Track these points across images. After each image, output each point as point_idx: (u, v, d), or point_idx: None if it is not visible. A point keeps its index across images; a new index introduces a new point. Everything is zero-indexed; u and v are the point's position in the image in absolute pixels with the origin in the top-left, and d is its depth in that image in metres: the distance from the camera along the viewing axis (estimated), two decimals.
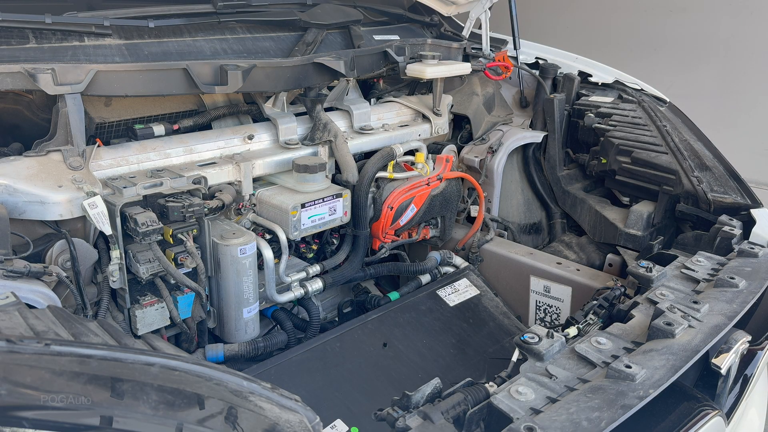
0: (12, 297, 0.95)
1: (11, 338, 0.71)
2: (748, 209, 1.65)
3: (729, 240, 1.53)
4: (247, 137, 1.65)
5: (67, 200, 1.24)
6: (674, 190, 1.79)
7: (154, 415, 0.69)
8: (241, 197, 1.60)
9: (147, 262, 1.34)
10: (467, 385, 1.01)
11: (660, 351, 1.06)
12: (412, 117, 2.05)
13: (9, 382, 0.66)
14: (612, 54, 3.63)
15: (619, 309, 1.33)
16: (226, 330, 1.52)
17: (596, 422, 0.89)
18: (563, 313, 1.79)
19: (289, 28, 1.91)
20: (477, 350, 1.64)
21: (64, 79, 1.31)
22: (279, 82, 1.62)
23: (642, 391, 0.96)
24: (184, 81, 1.46)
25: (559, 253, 1.98)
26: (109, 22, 1.56)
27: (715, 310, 1.19)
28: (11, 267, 1.12)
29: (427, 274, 1.92)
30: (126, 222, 1.30)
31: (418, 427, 0.91)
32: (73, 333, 0.90)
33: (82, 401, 0.67)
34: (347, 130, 1.86)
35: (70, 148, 1.33)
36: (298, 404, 0.80)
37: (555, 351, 1.08)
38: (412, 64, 1.91)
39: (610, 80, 2.17)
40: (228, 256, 1.43)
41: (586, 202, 2.06)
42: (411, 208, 1.86)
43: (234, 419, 0.74)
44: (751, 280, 1.30)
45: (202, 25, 1.75)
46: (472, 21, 2.32)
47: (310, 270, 1.71)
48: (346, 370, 1.47)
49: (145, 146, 1.49)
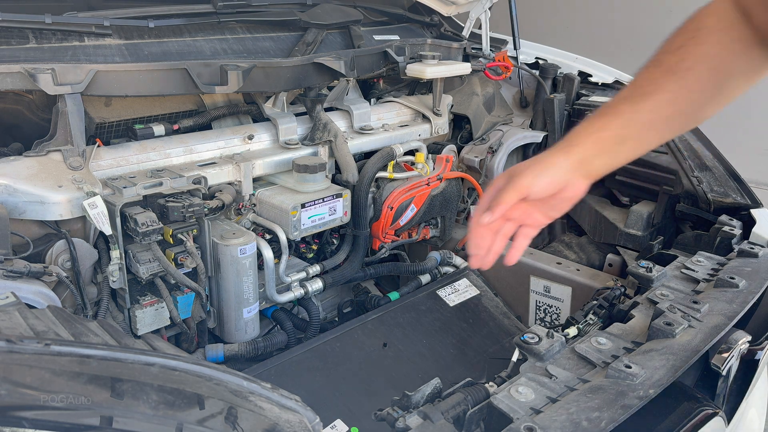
0: (12, 297, 0.95)
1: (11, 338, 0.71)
2: (748, 209, 1.65)
3: (729, 240, 1.53)
4: (247, 137, 1.65)
5: (67, 200, 1.24)
6: (674, 190, 1.79)
7: (154, 415, 0.69)
8: (241, 197, 1.60)
9: (147, 262, 1.34)
10: (467, 385, 1.01)
11: (660, 351, 1.06)
12: (412, 117, 2.05)
13: (9, 382, 0.66)
14: (612, 54, 3.63)
15: (619, 309, 1.33)
16: (226, 330, 1.52)
17: (596, 422, 0.89)
18: (563, 313, 1.79)
19: (289, 28, 1.91)
20: (477, 350, 1.64)
21: (64, 79, 1.31)
22: (279, 82, 1.62)
23: (642, 391, 0.96)
24: (184, 81, 1.46)
25: (559, 253, 1.98)
26: (109, 22, 1.56)
27: (715, 310, 1.19)
28: (11, 267, 1.12)
29: (427, 274, 1.91)
30: (126, 222, 1.30)
31: (418, 427, 0.91)
32: (73, 333, 0.90)
33: (82, 401, 0.67)
34: (347, 130, 1.86)
35: (70, 148, 1.33)
36: (298, 404, 0.80)
37: (555, 351, 1.08)
38: (412, 64, 1.91)
39: (610, 80, 2.17)
40: (228, 256, 1.43)
41: (586, 202, 2.05)
42: (411, 208, 1.86)
43: (234, 419, 0.74)
44: (751, 280, 1.30)
45: (202, 25, 1.75)
46: (472, 21, 2.32)
47: (310, 270, 1.71)
48: (346, 370, 1.47)
49: (145, 146, 1.49)
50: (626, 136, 1.06)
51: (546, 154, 1.08)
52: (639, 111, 1.06)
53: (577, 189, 1.08)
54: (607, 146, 1.07)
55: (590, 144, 1.06)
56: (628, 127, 1.06)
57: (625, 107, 1.06)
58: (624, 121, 1.06)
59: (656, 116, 1.06)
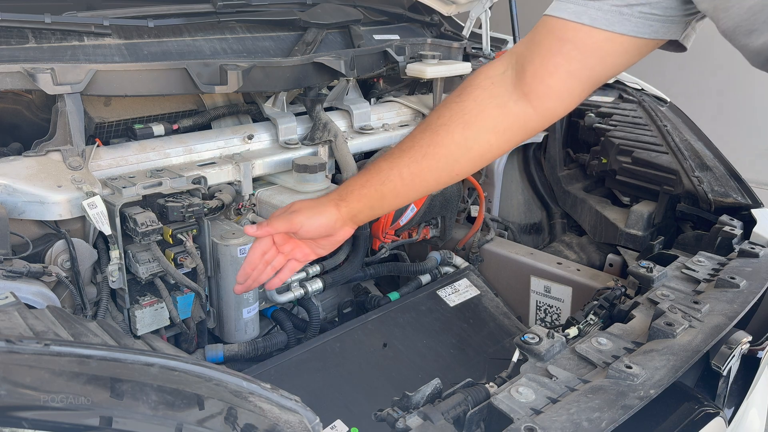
0: (11, 297, 0.95)
1: (11, 338, 0.71)
2: (749, 209, 1.65)
3: (729, 240, 1.53)
4: (247, 137, 1.65)
5: (67, 200, 1.24)
6: (675, 190, 1.78)
7: (154, 415, 0.69)
8: (241, 197, 1.59)
9: (146, 262, 1.34)
10: (467, 386, 1.00)
11: (660, 351, 1.06)
12: (412, 117, 2.05)
13: (8, 383, 0.66)
14: None
15: (619, 309, 1.33)
16: (225, 330, 1.52)
17: (597, 422, 0.88)
18: (563, 313, 1.79)
19: (289, 27, 1.91)
20: (477, 350, 1.64)
21: (64, 79, 1.31)
22: (279, 81, 1.61)
23: (642, 391, 0.96)
24: (184, 81, 1.46)
25: (560, 253, 1.98)
26: (108, 21, 1.56)
27: (716, 310, 1.19)
28: (11, 267, 1.12)
29: (427, 274, 1.91)
30: (125, 222, 1.30)
31: (418, 427, 0.91)
32: (73, 333, 0.90)
33: (81, 401, 0.67)
34: (347, 129, 1.86)
35: (70, 147, 1.33)
36: (298, 405, 0.80)
37: (555, 351, 1.08)
38: (412, 64, 1.91)
39: (610, 80, 2.17)
40: (228, 256, 1.43)
41: (587, 202, 2.05)
42: (411, 208, 1.86)
43: (234, 420, 0.73)
44: (752, 280, 1.30)
45: (202, 24, 1.75)
46: (472, 21, 2.31)
47: (309, 270, 1.71)
48: (346, 370, 1.47)
49: (145, 146, 1.49)
50: (384, 192, 1.18)
51: (321, 201, 1.24)
52: (395, 167, 1.17)
53: (345, 234, 1.27)
54: (370, 202, 1.21)
55: (355, 201, 1.21)
56: (385, 183, 1.18)
57: (385, 164, 1.19)
58: (382, 177, 1.18)
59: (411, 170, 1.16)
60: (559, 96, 1.09)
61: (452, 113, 1.14)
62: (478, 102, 1.12)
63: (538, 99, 1.09)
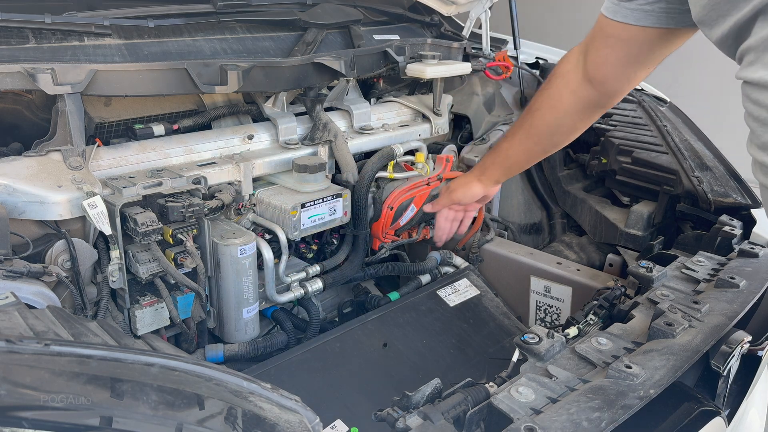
0: (12, 297, 0.95)
1: (11, 338, 0.71)
2: (749, 209, 1.65)
3: (729, 240, 1.53)
4: (247, 137, 1.65)
5: (67, 200, 1.24)
6: (675, 190, 1.78)
7: (154, 415, 0.69)
8: (241, 197, 1.60)
9: (146, 262, 1.34)
10: (467, 386, 1.01)
11: (660, 351, 1.06)
12: (412, 117, 2.05)
13: (9, 382, 0.66)
14: None
15: (619, 309, 1.33)
16: (225, 330, 1.52)
17: (596, 422, 0.89)
18: (563, 313, 1.79)
19: (289, 27, 1.91)
20: (477, 350, 1.64)
21: (64, 79, 1.31)
22: (279, 82, 1.61)
23: (642, 391, 0.96)
24: (184, 81, 1.46)
25: (560, 253, 1.98)
26: (108, 21, 1.56)
27: (716, 310, 1.19)
28: (11, 267, 1.12)
29: (427, 274, 1.91)
30: (126, 222, 1.30)
31: (418, 427, 0.91)
32: (73, 333, 0.90)
33: (81, 401, 0.67)
34: (347, 130, 1.86)
35: (70, 148, 1.33)
36: (298, 404, 0.80)
37: (555, 351, 1.08)
38: (412, 64, 1.91)
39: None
40: (228, 256, 1.43)
41: (587, 202, 2.05)
42: (411, 208, 1.86)
43: (234, 419, 0.74)
44: (752, 280, 1.30)
45: (202, 25, 1.75)
46: (472, 21, 2.31)
47: (310, 270, 1.71)
48: (346, 370, 1.47)
49: (145, 146, 1.49)
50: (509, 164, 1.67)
51: (468, 179, 1.76)
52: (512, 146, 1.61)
53: (494, 191, 1.80)
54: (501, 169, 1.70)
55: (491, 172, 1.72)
56: (509, 157, 1.64)
57: (504, 144, 1.64)
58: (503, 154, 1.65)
59: (523, 146, 1.59)
60: (616, 79, 1.33)
61: (542, 99, 1.48)
62: (559, 89, 1.43)
63: (599, 84, 1.35)
